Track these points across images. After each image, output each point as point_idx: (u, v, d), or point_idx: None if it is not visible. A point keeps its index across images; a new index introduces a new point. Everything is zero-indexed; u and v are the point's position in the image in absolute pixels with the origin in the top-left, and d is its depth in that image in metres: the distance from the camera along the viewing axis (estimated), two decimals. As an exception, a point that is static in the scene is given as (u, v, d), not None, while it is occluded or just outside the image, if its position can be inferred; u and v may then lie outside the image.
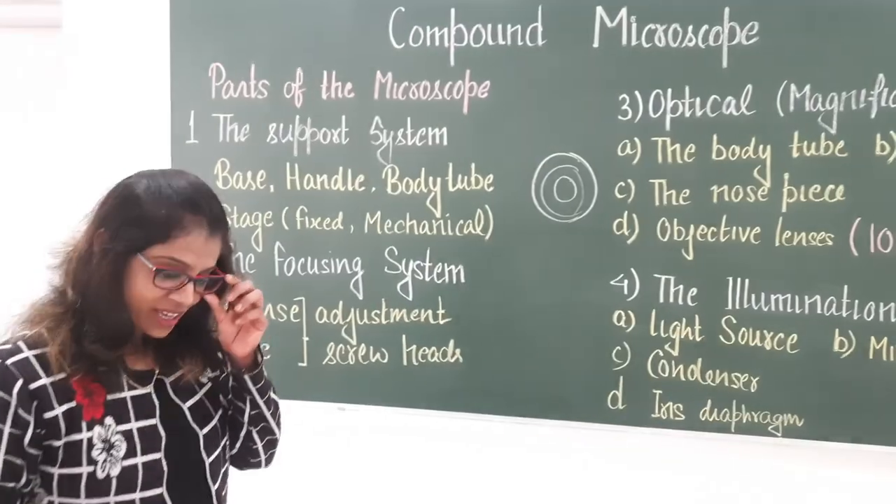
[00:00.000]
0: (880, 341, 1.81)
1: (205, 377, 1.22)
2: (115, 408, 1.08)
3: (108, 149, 2.24)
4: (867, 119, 1.78)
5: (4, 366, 1.02)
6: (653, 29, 1.87)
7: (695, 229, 1.88)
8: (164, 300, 1.07)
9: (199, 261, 1.08)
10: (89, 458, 1.05)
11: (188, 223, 1.06)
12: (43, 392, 1.03)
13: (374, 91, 2.02)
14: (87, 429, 1.05)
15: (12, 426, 1.00)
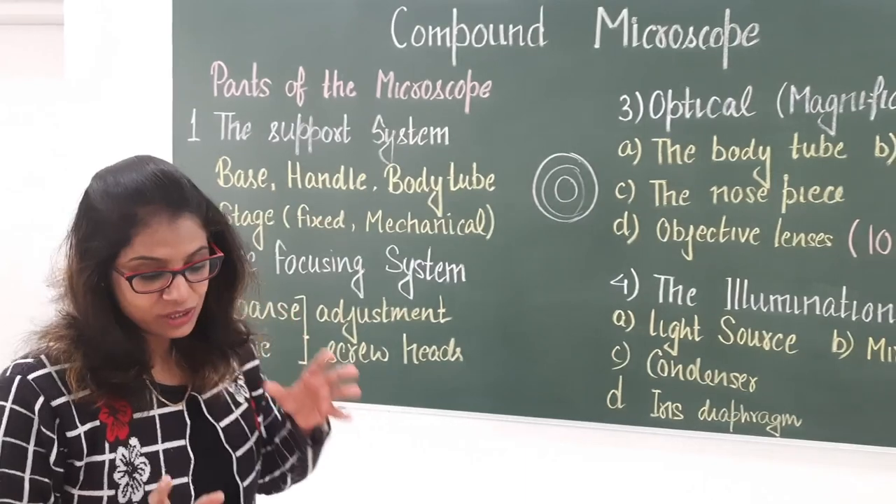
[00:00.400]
0: (878, 342, 1.82)
1: (241, 396, 1.16)
2: (141, 427, 1.01)
3: (110, 146, 2.25)
4: (867, 121, 1.79)
5: (26, 381, 0.96)
6: (654, 30, 1.88)
7: (694, 230, 1.88)
8: (161, 303, 0.98)
9: (174, 250, 0.97)
10: (111, 480, 0.98)
11: (143, 216, 0.96)
12: (65, 409, 0.97)
13: (377, 90, 2.03)
14: (110, 450, 0.99)
15: (36, 444, 0.95)
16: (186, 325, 1.03)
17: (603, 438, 1.98)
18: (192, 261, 0.99)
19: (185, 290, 0.98)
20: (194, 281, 1.00)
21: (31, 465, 0.95)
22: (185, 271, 0.98)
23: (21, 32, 2.48)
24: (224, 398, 1.13)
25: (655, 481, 1.99)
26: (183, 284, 0.98)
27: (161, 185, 0.99)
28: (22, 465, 0.94)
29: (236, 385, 1.17)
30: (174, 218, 0.97)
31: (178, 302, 0.98)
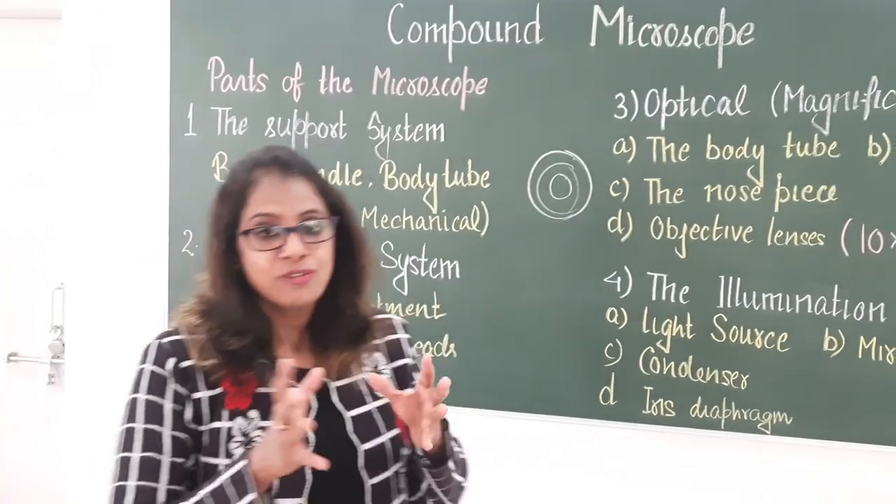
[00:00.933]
0: (870, 341, 1.83)
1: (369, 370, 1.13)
2: (264, 402, 1.02)
3: (108, 140, 2.26)
4: (860, 121, 1.80)
5: (159, 344, 1.05)
6: (649, 29, 1.88)
7: (688, 228, 1.89)
8: (279, 263, 1.01)
9: (285, 207, 1.01)
10: (227, 450, 1.01)
11: (256, 177, 1.03)
12: (192, 372, 1.02)
13: (373, 86, 2.04)
14: (229, 418, 1.02)
15: (173, 402, 1.02)
16: (305, 289, 1.03)
17: (595, 435, 1.99)
18: (305, 218, 1.02)
19: (299, 246, 1.00)
20: (311, 241, 1.02)
21: (170, 422, 1.01)
22: (299, 228, 1.01)
23: (19, 26, 2.48)
24: (359, 389, 1.11)
25: (647, 478, 2.00)
26: (297, 241, 1.00)
27: (273, 153, 1.06)
28: (161, 421, 1.01)
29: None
30: (285, 177, 1.03)
31: (293, 259, 1.00)
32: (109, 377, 2.30)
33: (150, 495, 1.00)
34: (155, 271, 2.19)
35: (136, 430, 1.03)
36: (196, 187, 2.14)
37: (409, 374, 1.19)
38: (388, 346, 1.19)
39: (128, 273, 2.26)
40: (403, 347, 1.21)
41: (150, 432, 1.01)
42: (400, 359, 1.20)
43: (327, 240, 1.05)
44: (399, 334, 1.21)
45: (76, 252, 2.29)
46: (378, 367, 1.16)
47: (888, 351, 1.82)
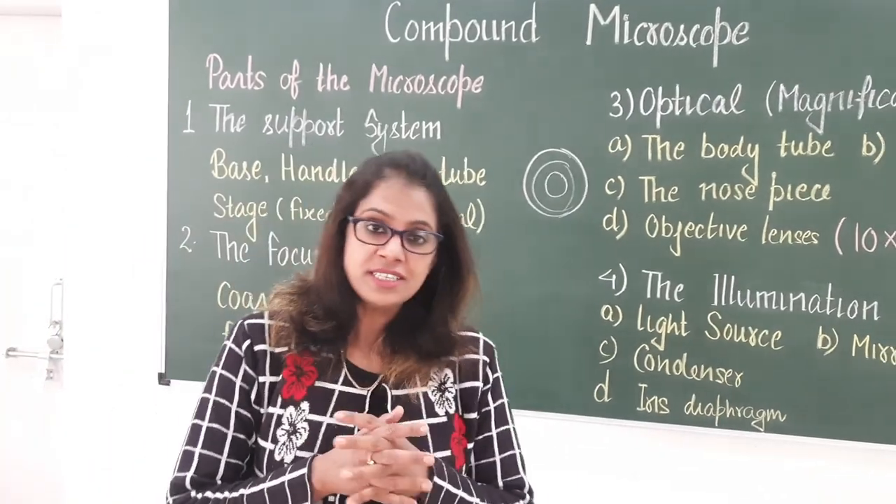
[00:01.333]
0: (863, 339, 1.84)
1: (443, 408, 1.12)
2: (318, 396, 1.07)
3: (106, 136, 2.27)
4: (854, 120, 1.81)
5: (242, 325, 1.11)
6: (645, 27, 1.89)
7: (683, 226, 1.90)
8: (374, 258, 1.04)
9: (400, 211, 1.04)
10: (274, 435, 1.06)
11: (386, 173, 1.07)
12: (262, 356, 1.09)
13: (370, 84, 2.05)
14: (282, 406, 1.07)
15: (242, 381, 1.08)
16: (390, 294, 1.06)
17: (590, 431, 2.00)
18: (413, 227, 1.05)
19: (398, 250, 1.03)
20: (411, 250, 1.05)
21: (238, 398, 1.08)
22: (405, 234, 1.05)
23: (20, 23, 2.49)
24: (418, 402, 1.10)
25: (641, 475, 2.02)
26: (397, 245, 1.04)
27: (410, 159, 1.09)
28: (231, 397, 1.08)
29: (442, 396, 1.13)
30: (410, 184, 1.06)
31: (389, 260, 1.03)
32: (108, 373, 2.31)
33: (213, 465, 1.06)
34: (153, 267, 2.20)
35: (210, 401, 1.09)
36: (194, 184, 2.16)
37: (479, 400, 1.17)
38: (461, 365, 1.16)
39: (126, 269, 2.27)
40: (479, 369, 1.18)
41: (220, 405, 1.08)
42: (471, 380, 1.17)
43: (427, 254, 1.08)
44: (479, 355, 1.18)
45: (75, 247, 2.31)
46: (444, 385, 1.14)
47: (881, 349, 1.83)
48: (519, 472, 1.19)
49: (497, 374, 1.21)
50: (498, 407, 1.19)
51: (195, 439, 1.08)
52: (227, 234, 2.14)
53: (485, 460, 1.17)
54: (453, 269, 1.12)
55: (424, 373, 1.11)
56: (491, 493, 1.13)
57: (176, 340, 2.20)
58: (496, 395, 1.19)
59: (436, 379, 1.13)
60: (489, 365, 1.19)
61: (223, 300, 2.15)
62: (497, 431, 1.18)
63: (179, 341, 2.19)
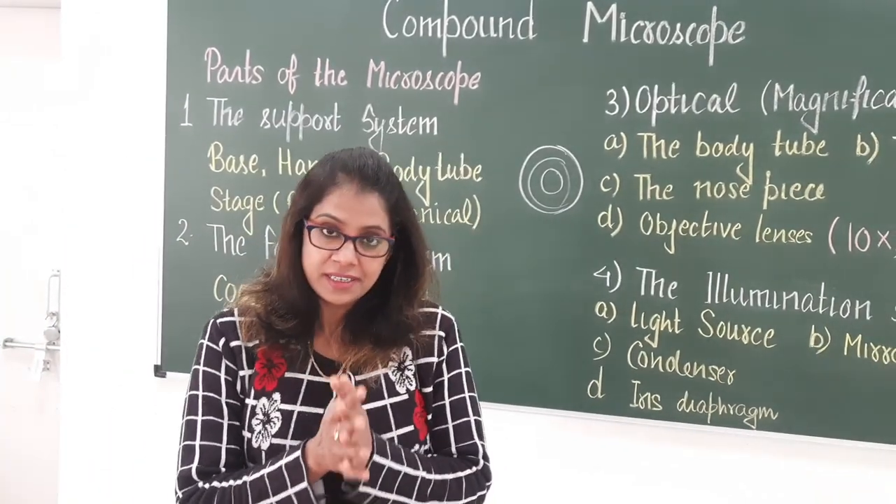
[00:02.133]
0: (855, 338, 1.85)
1: (404, 387, 1.17)
2: (288, 386, 1.13)
3: (104, 129, 2.27)
4: (848, 120, 1.81)
5: (214, 323, 1.18)
6: (641, 25, 1.90)
7: (677, 224, 1.91)
8: (329, 262, 1.08)
9: (353, 217, 1.08)
10: (250, 425, 1.13)
11: (339, 180, 1.09)
12: (238, 352, 1.15)
13: (367, 79, 2.05)
14: (255, 397, 1.14)
15: (225, 374, 1.15)
16: (345, 294, 1.11)
17: (582, 427, 2.01)
18: (366, 233, 1.09)
19: (350, 255, 1.08)
20: (364, 254, 1.10)
21: (225, 390, 1.14)
22: (357, 240, 1.08)
23: (18, 15, 2.49)
24: (379, 383, 1.16)
25: (633, 471, 2.03)
26: (350, 251, 1.08)
27: (363, 164, 1.11)
28: (218, 390, 1.14)
29: (402, 374, 1.19)
30: (362, 191, 1.09)
31: (342, 265, 1.08)
32: (104, 364, 2.32)
33: (214, 454, 1.11)
34: (150, 259, 2.21)
35: (199, 397, 1.14)
36: (191, 177, 2.16)
37: (434, 372, 1.21)
38: (418, 342, 1.20)
39: (123, 261, 2.28)
40: (436, 344, 1.22)
41: (211, 399, 1.14)
42: (428, 356, 1.21)
43: (381, 256, 1.11)
44: (436, 331, 1.22)
45: (73, 239, 2.31)
46: (404, 363, 1.19)
47: (873, 348, 1.84)
48: (473, 437, 1.22)
49: (455, 345, 1.24)
50: (452, 377, 1.22)
51: (192, 433, 1.12)
52: (224, 227, 2.15)
53: (438, 427, 1.21)
54: (409, 262, 1.16)
55: (383, 358, 1.16)
56: (439, 462, 1.16)
57: (172, 333, 2.21)
58: (452, 366, 1.23)
59: (395, 359, 1.19)
60: (445, 339, 1.23)
61: (219, 293, 2.16)
62: (450, 400, 1.21)
63: (176, 333, 2.21)
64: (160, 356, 2.22)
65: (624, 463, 2.03)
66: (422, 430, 1.18)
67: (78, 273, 2.32)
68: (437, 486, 1.12)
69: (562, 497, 2.07)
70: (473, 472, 1.19)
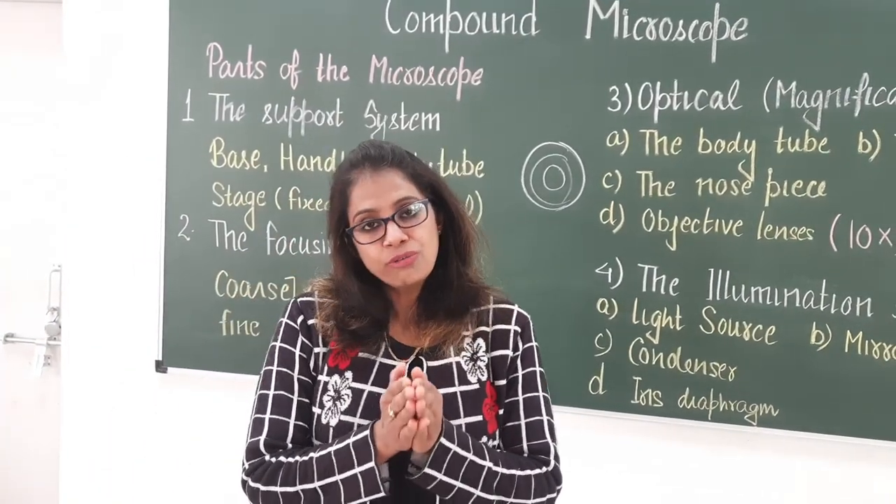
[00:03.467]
0: (856, 335, 1.85)
1: (475, 376, 1.17)
2: (360, 365, 1.16)
3: (106, 124, 2.27)
4: (851, 117, 1.82)
5: (296, 303, 1.22)
6: (644, 22, 1.90)
7: (679, 221, 1.91)
8: (385, 251, 1.11)
9: (379, 200, 1.11)
10: (321, 401, 1.16)
11: (353, 177, 1.13)
12: (314, 330, 1.18)
13: (370, 75, 2.05)
14: (328, 373, 1.16)
15: (300, 350, 1.18)
16: (411, 269, 1.12)
17: (584, 423, 2.01)
18: (399, 206, 1.11)
19: (398, 233, 1.10)
20: (408, 226, 1.11)
21: (298, 367, 1.17)
22: (395, 216, 1.11)
23: (21, 9, 2.49)
24: (452, 370, 1.17)
25: (634, 467, 2.03)
26: (395, 229, 1.10)
27: (364, 151, 1.15)
28: (292, 366, 1.17)
29: (474, 364, 1.19)
30: (375, 172, 1.12)
31: (395, 245, 1.10)
32: (105, 360, 2.32)
33: (282, 428, 1.14)
34: (151, 255, 2.21)
35: (273, 372, 1.17)
36: (193, 172, 2.16)
37: (507, 366, 1.21)
38: (493, 335, 1.22)
39: (124, 256, 2.28)
40: (510, 339, 1.22)
41: (284, 374, 1.17)
42: (502, 349, 1.21)
43: (424, 221, 1.13)
44: (511, 325, 1.23)
45: (74, 234, 2.31)
46: (477, 354, 1.20)
47: (874, 346, 1.84)
48: (545, 437, 1.21)
49: (530, 343, 1.24)
50: (527, 374, 1.22)
51: (263, 407, 1.16)
52: (226, 222, 2.15)
53: (510, 423, 1.20)
54: (450, 221, 1.19)
55: (456, 336, 1.17)
56: (508, 457, 1.15)
57: (173, 328, 2.21)
58: (526, 363, 1.23)
59: (469, 349, 1.19)
60: (520, 335, 1.23)
61: (221, 289, 2.16)
62: (524, 397, 1.21)
63: (177, 329, 2.21)
64: (161, 352, 2.22)
65: (625, 459, 2.03)
66: (490, 423, 1.17)
67: (79, 268, 2.32)
68: (504, 479, 1.11)
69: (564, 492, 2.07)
70: (544, 473, 1.17)
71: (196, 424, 2.26)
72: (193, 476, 2.27)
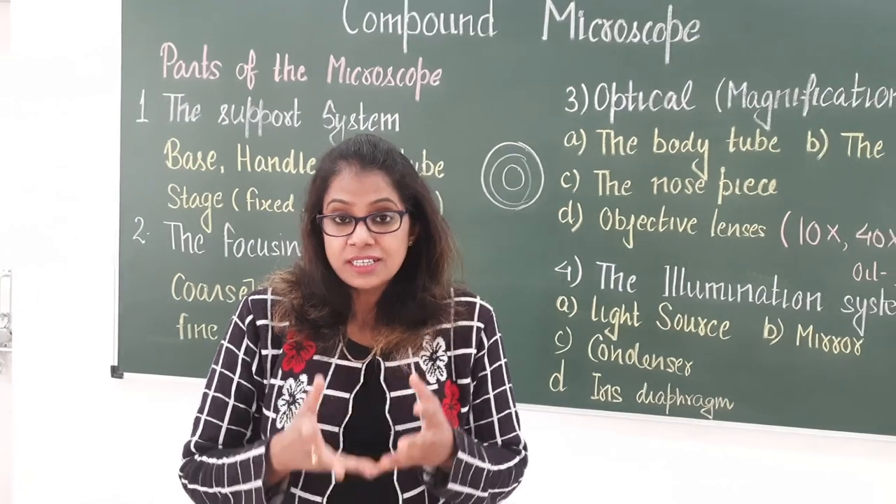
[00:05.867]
0: (807, 329, 1.90)
1: (434, 377, 1.16)
2: (316, 368, 1.12)
3: (58, 125, 2.22)
4: (799, 117, 1.87)
5: (246, 301, 1.18)
6: (599, 24, 1.92)
7: (635, 219, 1.94)
8: (347, 248, 1.08)
9: (358, 197, 1.08)
10: (275, 405, 1.13)
11: (339, 166, 1.10)
12: (264, 331, 1.15)
13: (328, 75, 2.04)
14: (282, 377, 1.13)
15: (244, 354, 1.15)
16: (370, 276, 1.10)
17: (545, 421, 2.02)
18: (375, 209, 1.09)
19: (364, 235, 1.07)
20: (379, 231, 1.09)
21: (240, 370, 1.15)
22: (367, 219, 1.08)
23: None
24: (409, 372, 1.13)
25: (595, 462, 2.06)
26: (363, 230, 1.08)
27: (359, 145, 1.12)
28: (234, 369, 1.15)
29: (433, 364, 1.17)
30: (363, 170, 1.09)
31: (359, 246, 1.07)
32: (59, 365, 2.27)
33: (215, 430, 1.14)
34: (105, 258, 2.17)
35: (216, 372, 1.17)
36: (147, 174, 2.13)
37: (472, 365, 1.19)
38: (455, 332, 1.19)
39: (78, 260, 2.23)
40: (473, 336, 1.19)
41: (224, 376, 1.16)
42: (464, 347, 1.19)
43: (395, 231, 1.10)
44: (474, 322, 1.20)
45: (24, 238, 2.25)
46: (436, 354, 1.17)
47: (824, 339, 1.90)
48: (515, 429, 1.24)
49: (495, 336, 1.23)
50: (495, 369, 1.22)
51: (203, 407, 1.16)
52: (182, 224, 2.12)
53: (483, 421, 1.21)
54: (427, 235, 1.16)
55: (414, 341, 1.15)
56: (496, 454, 1.17)
57: (129, 333, 2.17)
58: (493, 358, 1.22)
59: (428, 348, 1.17)
60: (484, 331, 1.21)
61: (178, 292, 2.13)
62: (494, 393, 1.21)
63: (133, 334, 2.16)
64: (117, 357, 2.18)
65: (586, 455, 2.06)
66: (451, 423, 1.15)
67: (30, 273, 2.27)
68: (496, 476, 1.15)
69: (525, 491, 2.08)
70: (517, 462, 1.22)
71: (154, 430, 2.22)
72: (152, 483, 2.23)
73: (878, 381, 1.88)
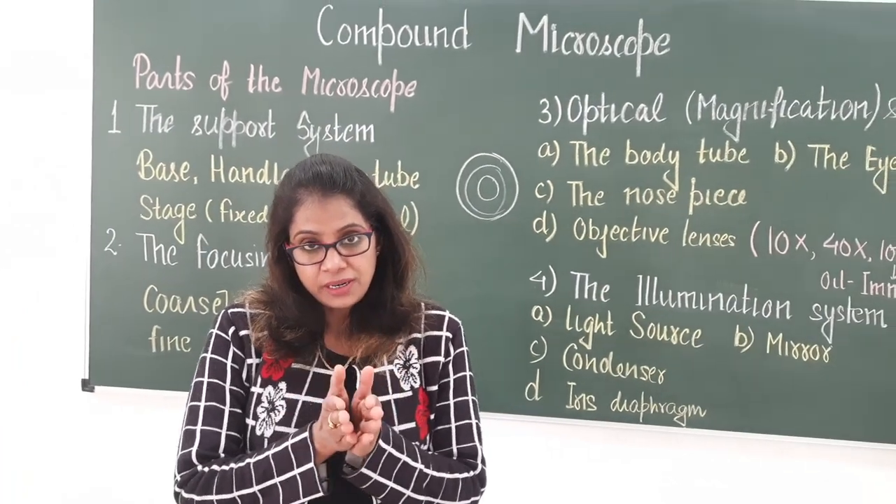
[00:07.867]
0: (776, 337, 1.94)
1: (408, 384, 1.19)
2: (294, 376, 1.15)
3: (28, 136, 2.19)
4: (767, 128, 1.91)
5: (225, 313, 1.20)
6: (572, 37, 1.95)
7: (608, 229, 1.97)
8: (322, 275, 1.10)
9: (325, 225, 1.09)
10: (254, 412, 1.15)
11: (300, 195, 1.11)
12: (246, 341, 1.18)
13: (302, 86, 2.04)
14: (261, 385, 1.16)
15: (232, 362, 1.17)
16: (347, 297, 1.13)
17: (521, 430, 2.04)
18: (343, 234, 1.11)
19: (337, 261, 1.10)
20: (347, 254, 1.11)
21: (230, 378, 1.17)
22: (337, 244, 1.10)
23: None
24: (385, 379, 1.17)
25: (571, 470, 2.07)
26: (335, 256, 1.10)
27: (317, 172, 1.12)
28: (223, 377, 1.17)
29: (407, 372, 1.20)
30: (325, 197, 1.10)
31: (332, 272, 1.10)
32: (28, 378, 2.23)
33: (215, 438, 1.14)
34: (76, 270, 2.14)
35: (204, 383, 1.17)
36: (119, 185, 2.10)
37: (440, 372, 1.22)
38: (425, 341, 1.23)
39: (48, 271, 2.19)
40: (442, 345, 1.23)
41: (215, 385, 1.16)
42: (433, 355, 1.22)
43: (365, 251, 1.13)
44: (443, 332, 1.24)
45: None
46: (409, 362, 1.21)
47: (793, 346, 1.94)
48: (473, 440, 1.23)
49: (461, 348, 1.26)
50: (458, 378, 1.24)
51: (195, 418, 1.15)
52: (155, 236, 2.10)
53: (441, 427, 1.22)
54: (392, 247, 1.19)
55: (390, 347, 1.19)
56: (439, 460, 1.18)
57: (100, 345, 2.13)
58: (458, 368, 1.24)
59: (401, 357, 1.20)
60: (452, 340, 1.24)
61: (150, 304, 2.11)
62: (455, 401, 1.23)
63: (104, 346, 2.13)
64: (88, 370, 2.15)
65: (561, 464, 2.07)
66: (423, 429, 1.20)
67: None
68: (433, 481, 1.14)
69: (501, 500, 2.09)
70: (471, 476, 1.20)
71: (126, 444, 2.19)
72: (124, 500, 2.20)
73: (846, 387, 1.92)
